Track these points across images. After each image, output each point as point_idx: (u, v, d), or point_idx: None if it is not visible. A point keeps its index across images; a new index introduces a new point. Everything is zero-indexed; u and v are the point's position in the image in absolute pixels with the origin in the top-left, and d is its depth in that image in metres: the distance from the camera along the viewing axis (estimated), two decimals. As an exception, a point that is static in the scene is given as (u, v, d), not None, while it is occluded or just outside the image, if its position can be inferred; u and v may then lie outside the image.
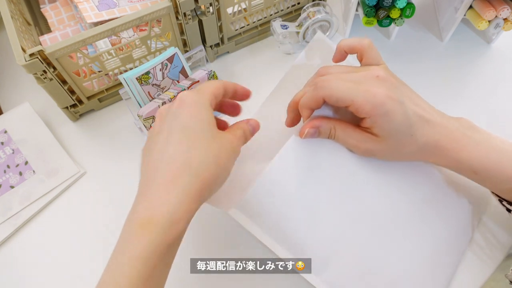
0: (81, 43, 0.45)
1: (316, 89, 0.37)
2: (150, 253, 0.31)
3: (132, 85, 0.46)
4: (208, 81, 0.39)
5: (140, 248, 0.31)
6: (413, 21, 0.61)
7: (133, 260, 0.31)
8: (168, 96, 0.48)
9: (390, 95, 0.36)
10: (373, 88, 0.36)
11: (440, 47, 0.60)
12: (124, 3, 0.55)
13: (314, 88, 0.37)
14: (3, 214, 0.48)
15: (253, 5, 0.54)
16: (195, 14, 0.52)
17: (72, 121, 0.55)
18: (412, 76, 0.57)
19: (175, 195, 0.32)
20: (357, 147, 0.40)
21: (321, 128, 0.39)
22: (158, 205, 0.32)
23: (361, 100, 0.36)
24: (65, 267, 0.44)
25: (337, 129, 0.39)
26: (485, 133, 0.39)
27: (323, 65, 0.43)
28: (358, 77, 0.37)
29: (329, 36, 0.59)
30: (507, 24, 0.53)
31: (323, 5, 0.56)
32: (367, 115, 0.36)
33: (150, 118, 0.47)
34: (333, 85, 0.37)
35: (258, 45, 0.61)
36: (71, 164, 0.51)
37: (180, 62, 0.48)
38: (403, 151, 0.38)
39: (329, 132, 0.40)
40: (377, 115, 0.36)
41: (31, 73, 0.44)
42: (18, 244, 0.47)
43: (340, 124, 0.40)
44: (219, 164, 0.35)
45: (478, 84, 0.56)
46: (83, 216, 0.48)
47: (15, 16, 0.49)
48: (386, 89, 0.36)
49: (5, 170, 0.50)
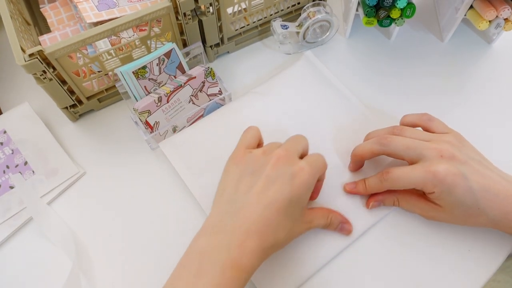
0: (81, 43, 0.44)
1: (382, 181, 0.42)
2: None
3: (128, 78, 0.46)
4: (320, 160, 0.40)
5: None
6: (413, 21, 0.61)
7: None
8: (165, 91, 0.48)
9: (451, 171, 0.38)
10: (433, 166, 0.38)
11: (441, 47, 0.60)
12: (124, 3, 0.55)
13: (380, 178, 0.42)
14: (2, 214, 0.47)
15: (253, 5, 0.54)
16: (195, 14, 0.51)
17: (72, 121, 0.55)
18: (412, 76, 0.57)
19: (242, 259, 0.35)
20: (423, 215, 0.43)
21: (385, 201, 0.44)
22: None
23: (422, 182, 0.38)
24: (64, 267, 0.44)
25: (401, 201, 0.43)
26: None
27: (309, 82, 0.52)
28: (422, 154, 0.40)
29: (329, 36, 0.59)
30: (508, 24, 0.53)
31: (323, 5, 0.56)
32: (430, 191, 0.39)
33: (145, 112, 0.47)
34: (395, 175, 0.40)
35: (258, 45, 0.61)
36: (70, 164, 0.51)
37: (177, 58, 0.48)
38: (472, 221, 0.40)
39: (392, 203, 0.44)
40: (439, 192, 0.38)
41: (31, 73, 0.44)
42: (17, 245, 0.47)
43: (403, 195, 0.43)
44: (291, 239, 0.39)
45: (479, 84, 0.56)
46: (83, 217, 0.48)
47: (14, 16, 0.48)
48: (448, 165, 0.38)
49: (5, 171, 0.50)
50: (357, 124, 0.51)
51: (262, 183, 0.36)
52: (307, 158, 0.39)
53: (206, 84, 0.50)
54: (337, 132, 0.50)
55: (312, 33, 0.57)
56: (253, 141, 0.42)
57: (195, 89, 0.50)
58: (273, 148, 0.39)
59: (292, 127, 0.50)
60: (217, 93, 0.52)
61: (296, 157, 0.38)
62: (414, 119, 0.45)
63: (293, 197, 0.36)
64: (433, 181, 0.38)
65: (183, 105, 0.50)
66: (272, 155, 0.38)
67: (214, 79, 0.51)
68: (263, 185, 0.36)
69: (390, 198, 0.44)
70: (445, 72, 0.57)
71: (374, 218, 0.44)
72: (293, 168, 0.37)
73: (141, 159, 0.51)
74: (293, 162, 0.37)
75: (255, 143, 0.42)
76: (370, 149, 0.43)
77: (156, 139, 0.50)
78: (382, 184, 0.42)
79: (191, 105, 0.51)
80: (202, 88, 0.50)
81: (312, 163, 0.38)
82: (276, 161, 0.37)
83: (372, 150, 0.43)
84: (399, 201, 0.43)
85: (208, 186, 0.46)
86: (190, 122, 0.52)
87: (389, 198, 0.44)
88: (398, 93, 0.55)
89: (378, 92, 0.55)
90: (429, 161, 0.38)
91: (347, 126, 0.50)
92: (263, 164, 0.38)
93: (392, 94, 0.55)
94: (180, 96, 0.49)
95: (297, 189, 0.36)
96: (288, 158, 0.38)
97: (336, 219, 0.42)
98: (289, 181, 0.36)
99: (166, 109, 0.49)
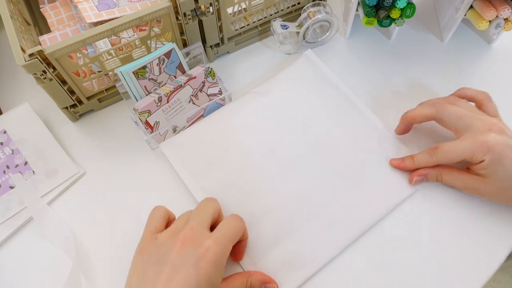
0: (81, 43, 0.44)
1: (431, 155, 0.43)
2: None
3: (128, 78, 0.46)
4: (234, 225, 0.38)
5: None
6: (413, 21, 0.61)
7: None
8: (165, 91, 0.48)
9: (500, 141, 0.39)
10: (482, 136, 0.40)
11: (441, 47, 0.60)
12: (124, 3, 0.55)
13: (430, 153, 0.43)
14: (2, 214, 0.47)
15: (253, 5, 0.54)
16: (195, 14, 0.51)
17: (72, 121, 0.55)
18: (412, 76, 0.57)
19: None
20: (465, 188, 0.44)
21: (428, 175, 0.45)
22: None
23: (471, 151, 0.40)
24: (64, 267, 0.44)
25: (444, 174, 0.44)
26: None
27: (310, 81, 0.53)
28: (472, 124, 0.41)
29: (329, 36, 0.59)
30: (508, 24, 0.53)
31: (323, 5, 0.56)
32: (480, 160, 0.40)
33: (145, 112, 0.47)
34: (445, 149, 0.42)
35: (258, 45, 0.61)
36: (70, 164, 0.51)
37: (177, 58, 0.48)
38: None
39: (435, 178, 0.45)
40: (488, 160, 0.39)
41: (31, 73, 0.44)
42: (17, 245, 0.47)
43: (446, 169, 0.44)
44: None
45: (479, 84, 0.56)
46: (82, 217, 0.48)
47: (14, 16, 0.48)
48: (497, 136, 0.40)
49: (5, 171, 0.50)
50: (357, 122, 0.51)
51: (167, 273, 0.34)
52: (215, 232, 0.37)
53: (206, 84, 0.50)
54: (337, 131, 0.50)
55: (312, 33, 0.57)
56: (159, 224, 0.39)
57: (195, 89, 0.50)
58: (180, 227, 0.38)
59: (292, 127, 0.50)
60: (217, 93, 0.52)
61: (204, 234, 0.36)
62: (473, 93, 0.46)
63: (201, 282, 0.34)
64: (482, 149, 0.39)
65: (183, 105, 0.50)
66: (177, 238, 0.36)
67: (214, 79, 0.51)
68: (168, 275, 0.34)
69: (434, 172, 0.44)
70: (445, 72, 0.57)
71: (374, 218, 0.44)
72: (198, 251, 0.35)
73: (141, 159, 0.51)
74: (199, 241, 0.35)
75: (162, 225, 0.40)
76: (423, 112, 0.44)
77: (156, 139, 0.50)
78: (431, 159, 0.43)
79: (191, 105, 0.51)
80: (202, 88, 0.50)
81: (220, 239, 0.36)
82: (181, 246, 0.35)
83: (425, 113, 0.44)
84: (442, 175, 0.44)
85: (208, 188, 0.46)
86: (190, 122, 0.52)
87: (433, 173, 0.44)
88: (398, 93, 0.55)
89: (378, 92, 0.55)
90: (478, 132, 0.40)
91: (347, 125, 0.50)
92: (167, 251, 0.35)
93: (392, 94, 0.55)
94: (180, 96, 0.49)
95: (205, 273, 0.34)
96: (194, 239, 0.36)
97: (256, 281, 0.39)
98: (195, 266, 0.34)
99: (166, 109, 0.49)
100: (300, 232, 0.43)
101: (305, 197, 0.45)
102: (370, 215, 0.44)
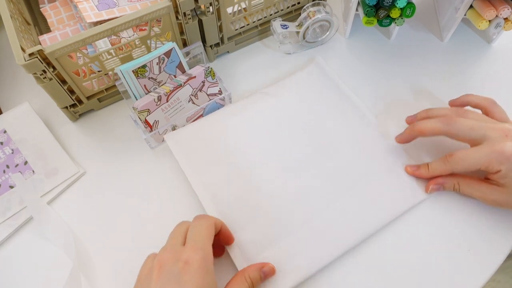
0: (81, 43, 0.44)
1: (445, 163, 0.42)
2: None
3: (128, 77, 0.46)
4: (202, 225, 0.38)
5: None
6: (413, 20, 0.61)
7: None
8: (164, 90, 0.48)
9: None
10: (499, 145, 0.39)
11: (441, 47, 0.60)
12: (124, 3, 0.55)
13: (444, 161, 0.42)
14: (2, 214, 0.47)
15: (253, 5, 0.54)
16: (195, 13, 0.51)
17: (72, 121, 0.55)
18: (412, 76, 0.57)
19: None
20: (484, 199, 0.43)
21: (446, 184, 0.44)
22: None
23: (488, 160, 0.39)
24: (64, 267, 0.44)
25: (461, 184, 0.43)
26: None
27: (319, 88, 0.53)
28: (487, 135, 0.40)
29: (329, 36, 0.59)
30: (508, 23, 0.53)
31: (323, 4, 0.56)
32: (496, 170, 0.39)
33: (145, 111, 0.47)
34: (459, 156, 0.41)
35: (258, 45, 0.61)
36: (70, 164, 0.51)
37: (177, 57, 0.48)
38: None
39: (453, 187, 0.44)
40: (506, 169, 0.39)
41: (31, 73, 0.44)
42: (17, 245, 0.47)
43: (464, 179, 0.43)
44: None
45: (479, 83, 0.56)
46: (83, 216, 0.48)
47: (14, 16, 0.48)
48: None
49: (5, 170, 0.50)
50: (363, 131, 0.50)
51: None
52: (188, 243, 0.36)
53: (206, 84, 0.50)
54: (341, 137, 0.50)
55: (312, 33, 0.57)
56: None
57: (195, 89, 0.50)
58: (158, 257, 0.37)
59: (297, 129, 0.50)
60: (217, 93, 0.52)
61: (178, 249, 0.36)
62: (477, 100, 0.45)
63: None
64: (500, 158, 0.38)
65: (182, 104, 0.50)
66: (154, 265, 0.35)
67: (214, 78, 0.51)
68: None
69: (451, 181, 0.43)
70: (445, 71, 0.57)
71: (376, 225, 0.44)
72: (178, 266, 0.34)
73: (141, 158, 0.51)
74: (176, 258, 0.35)
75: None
76: (433, 127, 0.43)
77: (155, 138, 0.50)
78: (446, 167, 0.42)
79: (191, 105, 0.51)
80: (202, 87, 0.50)
81: (195, 246, 0.35)
82: (159, 270, 0.35)
83: (435, 128, 0.43)
84: (460, 185, 0.43)
85: (210, 184, 0.47)
86: (190, 122, 0.52)
87: (450, 182, 0.43)
88: (398, 93, 0.55)
89: (377, 92, 0.55)
90: (494, 141, 0.39)
91: (353, 132, 0.50)
92: (149, 282, 0.35)
93: (392, 93, 0.55)
94: (180, 95, 0.49)
95: (192, 284, 0.33)
96: (169, 258, 0.35)
97: (253, 272, 0.39)
98: (178, 283, 0.33)
99: (166, 108, 0.49)
100: (298, 233, 0.43)
101: (305, 200, 0.45)
102: (372, 221, 0.44)
